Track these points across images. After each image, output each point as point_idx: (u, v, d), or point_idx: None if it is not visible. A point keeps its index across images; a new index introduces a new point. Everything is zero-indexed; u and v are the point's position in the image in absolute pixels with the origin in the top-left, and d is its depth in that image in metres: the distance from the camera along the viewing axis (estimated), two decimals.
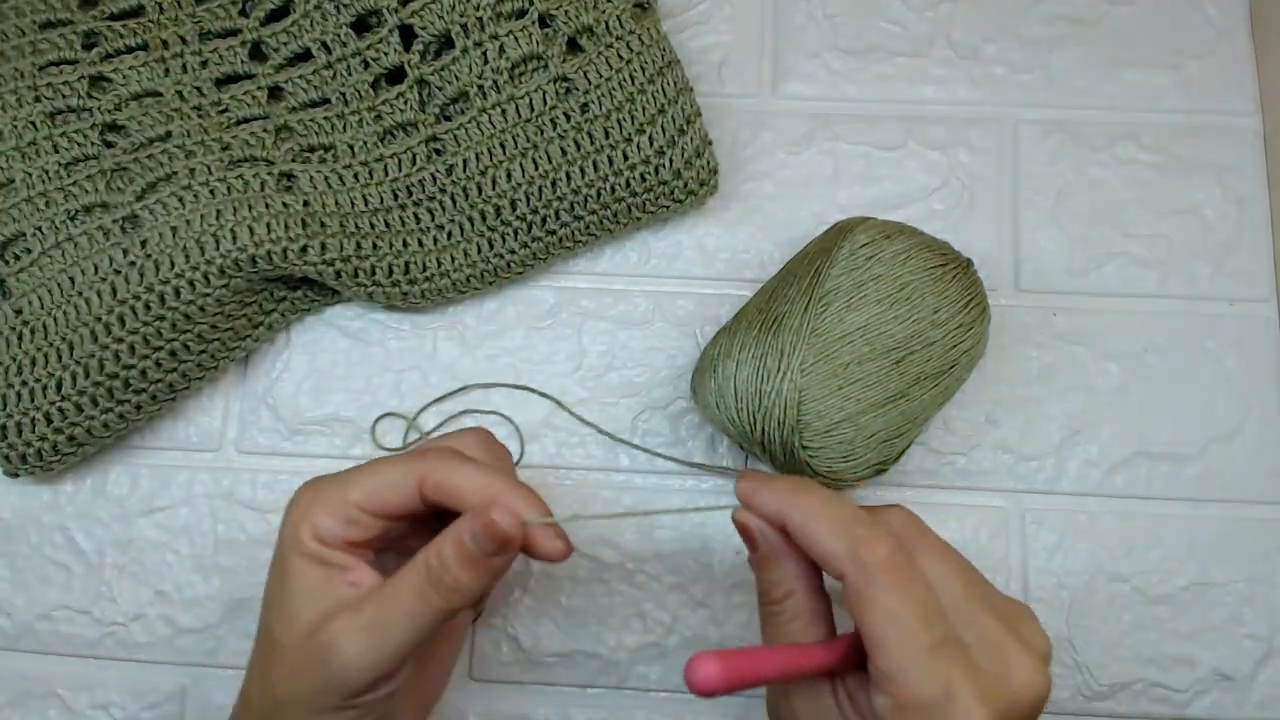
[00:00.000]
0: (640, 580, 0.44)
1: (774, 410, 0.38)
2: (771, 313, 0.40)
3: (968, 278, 0.41)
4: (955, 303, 0.40)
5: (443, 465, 0.33)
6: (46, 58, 0.44)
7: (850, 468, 0.39)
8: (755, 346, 0.39)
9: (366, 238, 0.43)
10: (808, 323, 0.39)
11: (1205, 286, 0.47)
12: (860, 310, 0.39)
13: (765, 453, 0.40)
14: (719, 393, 0.40)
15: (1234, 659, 0.43)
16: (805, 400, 0.38)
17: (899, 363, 0.39)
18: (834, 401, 0.38)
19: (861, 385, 0.38)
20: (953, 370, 0.40)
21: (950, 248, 0.42)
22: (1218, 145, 0.49)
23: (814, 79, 0.50)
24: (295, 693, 0.31)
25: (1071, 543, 0.44)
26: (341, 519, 0.32)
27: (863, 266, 0.40)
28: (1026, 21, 0.51)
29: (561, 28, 0.43)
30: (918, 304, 0.39)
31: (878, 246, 0.40)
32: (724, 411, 0.40)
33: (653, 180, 0.44)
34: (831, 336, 0.38)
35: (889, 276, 0.40)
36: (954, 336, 0.40)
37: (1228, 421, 0.45)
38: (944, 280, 0.40)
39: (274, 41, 0.45)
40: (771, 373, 0.38)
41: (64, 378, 0.41)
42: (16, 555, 0.45)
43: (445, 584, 0.31)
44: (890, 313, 0.39)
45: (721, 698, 0.43)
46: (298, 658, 0.31)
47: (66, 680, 0.44)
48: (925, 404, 0.40)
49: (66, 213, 0.42)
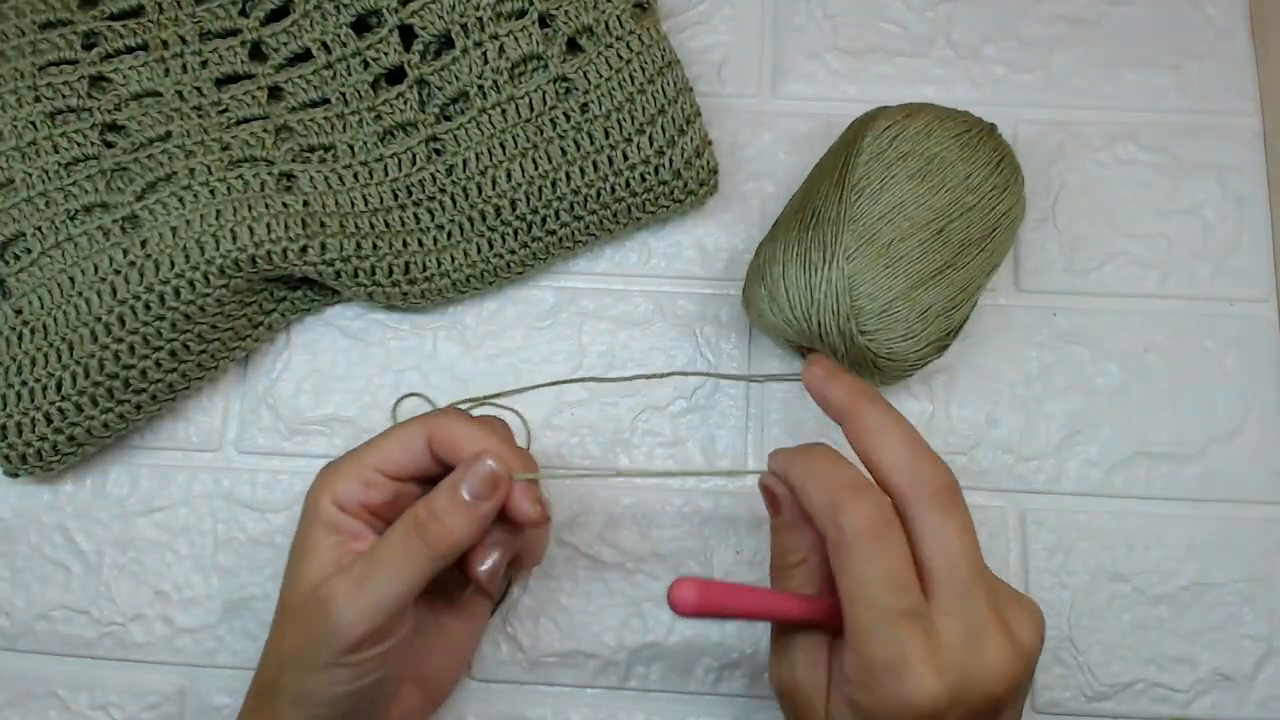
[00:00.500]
0: (640, 580, 0.44)
1: (826, 301, 0.38)
2: (808, 210, 0.40)
3: (993, 141, 0.42)
4: (985, 166, 0.41)
5: (448, 420, 0.35)
6: (46, 58, 0.44)
7: (911, 346, 0.39)
8: (797, 244, 0.40)
9: (366, 238, 0.43)
10: (844, 211, 0.39)
11: (1205, 286, 0.47)
12: (893, 189, 0.40)
13: (825, 346, 0.40)
14: (770, 297, 0.40)
15: (1234, 659, 0.43)
16: (855, 285, 0.38)
17: (940, 232, 0.39)
18: (884, 281, 0.39)
19: (908, 261, 0.39)
20: (995, 234, 0.41)
21: (971, 115, 0.43)
22: (1218, 145, 0.49)
23: (814, 79, 0.50)
24: (296, 650, 0.33)
25: (1071, 543, 0.44)
26: (359, 482, 0.34)
27: (889, 148, 0.41)
28: (1026, 21, 0.51)
29: (561, 28, 0.43)
30: (949, 173, 0.40)
31: (900, 127, 0.41)
32: (779, 314, 0.40)
33: (653, 180, 0.44)
34: (870, 219, 0.39)
35: (916, 152, 0.40)
36: (990, 199, 0.41)
37: (1228, 421, 0.45)
38: (970, 146, 0.41)
39: (274, 41, 0.45)
40: (818, 265, 0.39)
41: (64, 378, 0.41)
42: (16, 555, 0.45)
43: (432, 530, 0.33)
44: (923, 186, 0.40)
45: (721, 697, 0.43)
46: (299, 616, 0.33)
47: (65, 680, 0.44)
48: (974, 271, 0.41)
49: (66, 213, 0.42)
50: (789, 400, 0.46)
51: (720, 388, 0.46)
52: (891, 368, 0.40)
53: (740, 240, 0.48)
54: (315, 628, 0.32)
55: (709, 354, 0.46)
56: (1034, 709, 0.43)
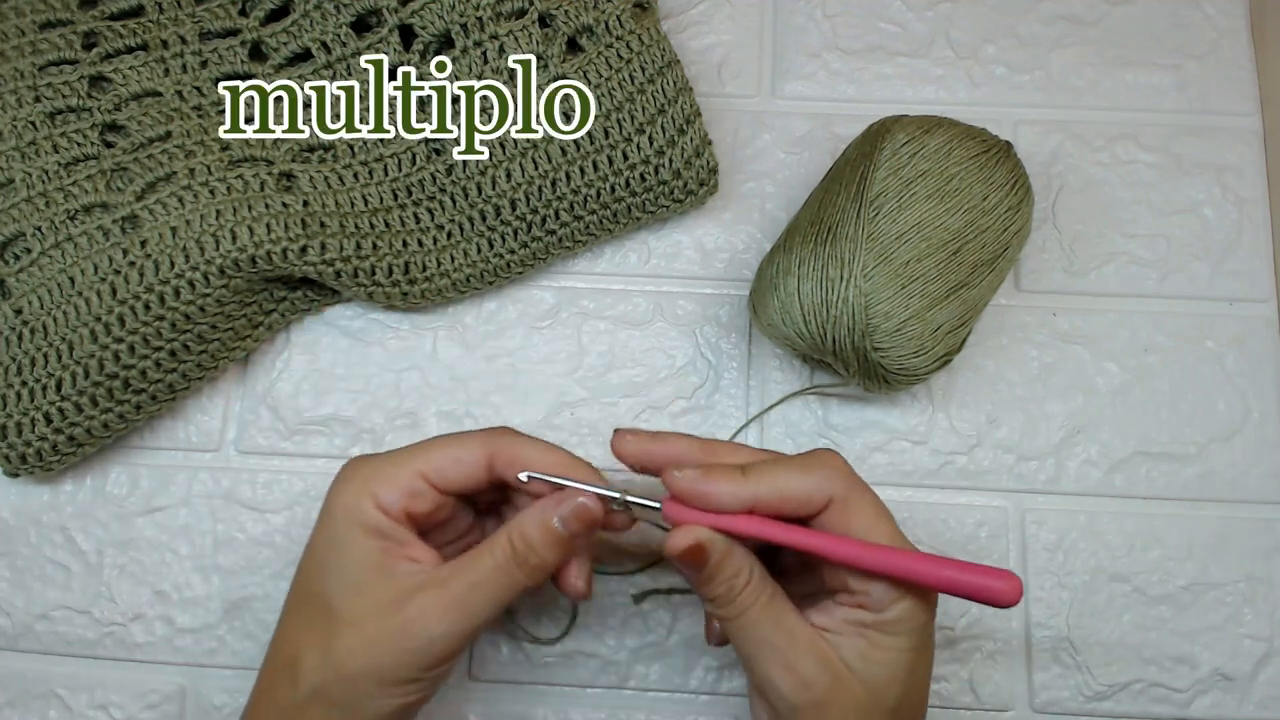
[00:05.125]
0: (640, 580, 0.44)
1: (842, 318, 0.39)
2: (824, 223, 0.41)
3: (1010, 160, 0.42)
4: (1002, 187, 0.41)
5: (513, 441, 0.35)
6: (46, 58, 0.44)
7: (921, 362, 0.40)
8: (814, 259, 0.40)
9: (366, 238, 0.43)
10: (862, 228, 0.39)
11: (1205, 286, 0.47)
12: (912, 208, 0.40)
13: (837, 359, 0.41)
14: (783, 309, 0.40)
15: (1234, 659, 0.43)
16: (872, 304, 0.39)
17: (956, 253, 0.40)
18: (899, 300, 0.39)
19: (923, 281, 0.39)
20: (1005, 253, 0.41)
21: (989, 133, 0.43)
22: (1218, 145, 0.49)
23: (814, 79, 0.50)
24: (370, 665, 0.32)
25: (1071, 543, 0.44)
26: (405, 491, 0.34)
27: (907, 164, 0.41)
28: (1026, 21, 0.51)
29: (561, 28, 0.43)
30: (967, 194, 0.40)
31: (919, 143, 0.41)
32: (790, 326, 0.40)
33: (653, 180, 0.44)
34: (888, 238, 0.39)
35: (935, 171, 0.40)
36: (1004, 220, 0.41)
37: (1228, 421, 0.45)
38: (989, 167, 0.41)
39: (274, 41, 0.45)
40: (835, 282, 0.39)
41: (64, 378, 0.41)
42: (16, 555, 0.45)
43: (531, 564, 0.33)
44: (941, 206, 0.40)
45: (721, 697, 0.43)
46: (375, 632, 0.32)
47: (66, 680, 0.44)
48: (984, 290, 0.41)
49: (66, 213, 0.42)
50: (789, 400, 0.46)
51: (720, 388, 0.46)
52: (900, 380, 0.40)
53: (740, 240, 0.48)
54: (402, 647, 0.32)
55: (709, 354, 0.46)
56: (1033, 709, 0.43)
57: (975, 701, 0.43)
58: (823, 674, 0.32)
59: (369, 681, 0.32)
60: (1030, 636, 0.43)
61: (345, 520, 0.33)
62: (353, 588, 0.33)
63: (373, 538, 0.33)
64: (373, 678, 0.32)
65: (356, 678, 0.32)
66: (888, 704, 0.32)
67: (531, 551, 0.33)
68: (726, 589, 0.32)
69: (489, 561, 0.33)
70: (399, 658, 0.32)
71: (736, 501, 0.32)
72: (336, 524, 0.34)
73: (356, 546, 0.33)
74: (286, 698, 0.33)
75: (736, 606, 0.32)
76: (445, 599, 0.32)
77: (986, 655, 0.43)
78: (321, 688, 0.32)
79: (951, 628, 0.43)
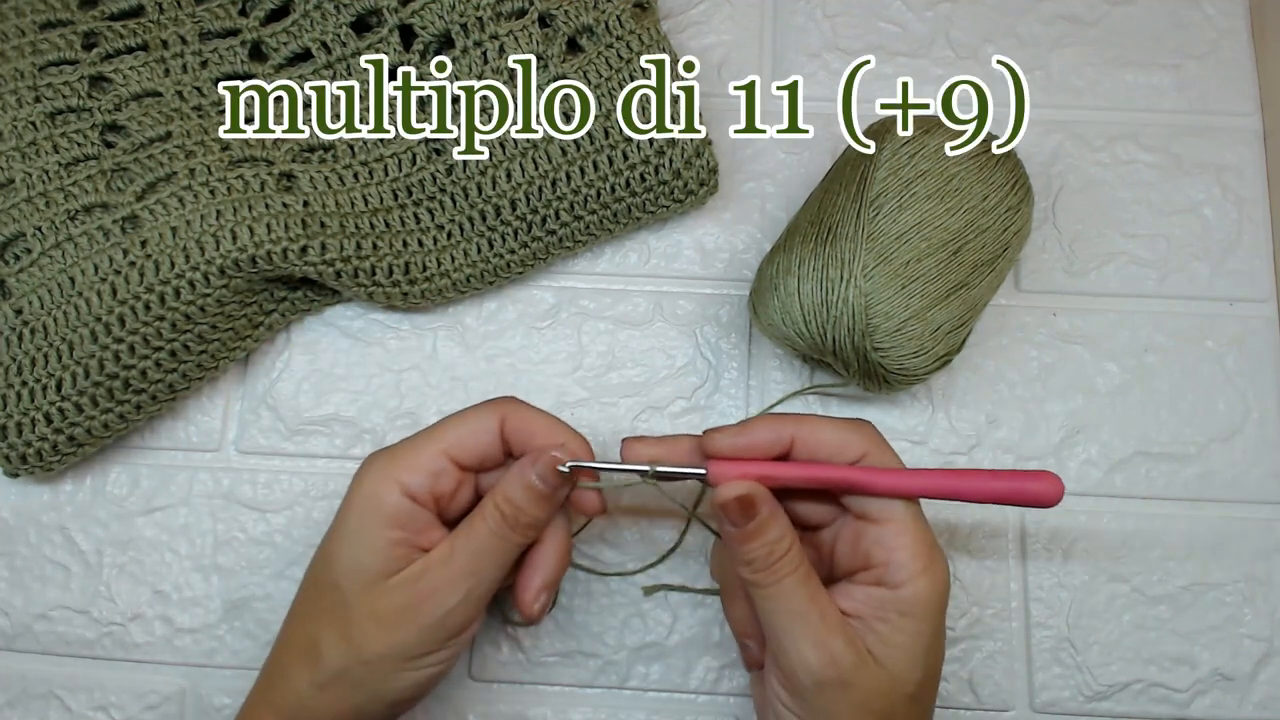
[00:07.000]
0: (640, 580, 0.44)
1: (842, 319, 0.39)
2: (824, 224, 0.41)
3: (1010, 161, 0.42)
4: (1002, 187, 0.41)
5: (519, 407, 0.36)
6: (46, 58, 0.44)
7: (921, 362, 0.40)
8: (814, 259, 0.40)
9: (366, 238, 0.43)
10: (862, 229, 0.39)
11: (1205, 286, 0.47)
12: (912, 209, 0.40)
13: (837, 359, 0.41)
14: (783, 309, 0.40)
15: (1234, 659, 0.43)
16: (872, 304, 0.39)
17: (956, 254, 0.40)
18: (899, 301, 0.39)
19: (924, 281, 0.39)
20: (1005, 253, 0.41)
21: (990, 134, 0.42)
22: (1218, 145, 0.49)
23: (814, 79, 0.50)
24: (392, 647, 0.34)
25: (1071, 543, 0.44)
26: (430, 472, 0.35)
27: (907, 165, 0.41)
28: (1026, 21, 0.51)
29: (561, 28, 0.43)
30: (967, 194, 0.40)
31: (919, 143, 0.41)
32: (790, 326, 0.40)
33: (653, 180, 0.44)
34: (888, 239, 0.39)
35: (935, 171, 0.40)
36: (1004, 220, 0.41)
37: (1228, 421, 0.45)
38: (989, 167, 0.41)
39: (274, 41, 0.45)
40: (835, 283, 0.39)
41: (64, 378, 0.41)
42: (15, 555, 0.45)
43: (522, 522, 0.35)
44: (942, 206, 0.40)
45: (721, 697, 0.43)
46: (392, 619, 0.34)
47: (65, 680, 0.44)
48: (983, 290, 0.41)
49: (66, 213, 0.42)
50: (789, 400, 0.46)
51: (720, 388, 0.46)
52: (900, 380, 0.41)
53: (740, 240, 0.48)
54: (423, 623, 0.33)
55: (709, 354, 0.46)
56: (1033, 709, 0.43)
57: (975, 701, 0.43)
58: (850, 653, 0.32)
59: (392, 661, 0.34)
60: (1030, 636, 0.43)
61: (364, 513, 0.34)
62: (367, 584, 0.34)
63: (393, 528, 0.34)
64: (396, 657, 0.34)
65: (379, 660, 0.34)
66: (908, 690, 0.33)
67: (520, 511, 0.34)
68: (767, 551, 0.33)
69: (484, 528, 0.34)
70: (420, 635, 0.34)
71: (777, 440, 0.34)
72: (355, 517, 0.35)
73: (378, 538, 0.34)
74: (307, 679, 0.34)
75: (773, 573, 0.33)
76: (454, 571, 0.34)
77: (986, 655, 0.43)
78: (344, 670, 0.34)
79: (952, 628, 0.43)
